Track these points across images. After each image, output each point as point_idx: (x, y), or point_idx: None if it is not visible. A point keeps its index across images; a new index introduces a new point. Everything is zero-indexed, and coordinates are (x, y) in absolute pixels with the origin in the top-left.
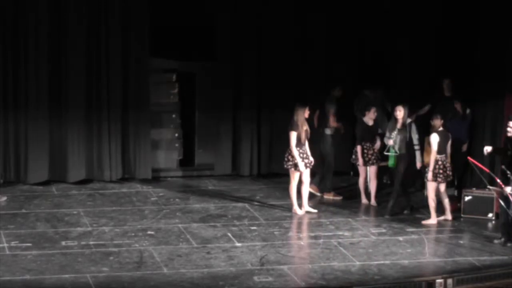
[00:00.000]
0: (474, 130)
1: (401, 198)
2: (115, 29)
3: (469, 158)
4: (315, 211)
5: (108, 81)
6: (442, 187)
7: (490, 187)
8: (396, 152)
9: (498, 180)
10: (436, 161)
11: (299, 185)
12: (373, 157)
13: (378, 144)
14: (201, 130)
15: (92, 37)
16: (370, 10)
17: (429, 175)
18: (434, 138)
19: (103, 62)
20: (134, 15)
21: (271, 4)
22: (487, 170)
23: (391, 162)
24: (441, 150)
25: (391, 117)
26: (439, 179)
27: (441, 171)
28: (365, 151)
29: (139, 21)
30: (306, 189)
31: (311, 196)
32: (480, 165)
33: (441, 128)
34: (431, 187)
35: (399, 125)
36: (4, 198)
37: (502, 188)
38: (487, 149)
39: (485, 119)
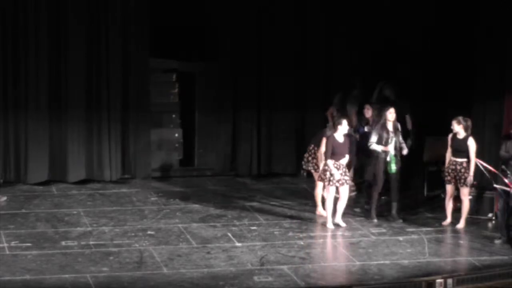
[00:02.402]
0: (475, 130)
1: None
2: (115, 29)
3: (476, 159)
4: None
5: (108, 81)
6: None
7: (496, 186)
8: (397, 156)
9: (506, 180)
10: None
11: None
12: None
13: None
14: (201, 130)
15: (92, 37)
16: (370, 9)
17: (471, 179)
18: (474, 142)
19: (103, 62)
20: (134, 15)
21: (271, 4)
22: (494, 170)
23: (395, 168)
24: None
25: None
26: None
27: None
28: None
29: (139, 21)
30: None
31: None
32: (486, 165)
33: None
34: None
35: (392, 128)
36: (4, 198)
37: (510, 187)
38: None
39: (485, 119)
